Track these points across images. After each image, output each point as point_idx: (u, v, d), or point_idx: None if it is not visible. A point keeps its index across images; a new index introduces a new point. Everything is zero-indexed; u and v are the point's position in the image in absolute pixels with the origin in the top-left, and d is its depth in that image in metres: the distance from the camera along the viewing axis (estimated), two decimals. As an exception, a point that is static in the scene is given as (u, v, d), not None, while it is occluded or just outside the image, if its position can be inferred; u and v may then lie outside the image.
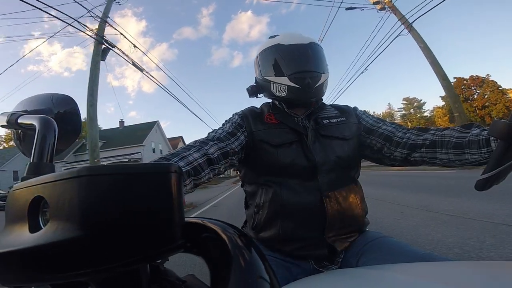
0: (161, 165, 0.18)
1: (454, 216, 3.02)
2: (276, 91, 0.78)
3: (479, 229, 2.47)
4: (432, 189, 5.20)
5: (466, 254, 1.96)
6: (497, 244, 2.05)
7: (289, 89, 0.75)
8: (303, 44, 0.78)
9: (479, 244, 2.11)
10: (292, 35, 0.81)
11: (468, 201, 3.61)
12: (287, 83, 0.75)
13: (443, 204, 3.71)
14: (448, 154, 0.61)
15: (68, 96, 0.37)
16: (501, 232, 2.30)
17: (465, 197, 3.88)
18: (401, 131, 0.73)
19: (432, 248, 2.15)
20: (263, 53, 0.82)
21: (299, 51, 0.77)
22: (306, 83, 0.73)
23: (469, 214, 3.01)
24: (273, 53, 0.79)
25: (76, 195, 0.15)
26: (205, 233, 0.21)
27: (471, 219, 2.82)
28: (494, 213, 2.88)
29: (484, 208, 3.14)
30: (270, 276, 0.17)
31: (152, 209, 0.17)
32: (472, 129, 0.60)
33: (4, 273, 0.16)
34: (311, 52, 0.78)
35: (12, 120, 0.32)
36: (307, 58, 0.77)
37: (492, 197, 3.38)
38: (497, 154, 0.48)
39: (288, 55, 0.77)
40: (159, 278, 0.23)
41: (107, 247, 0.15)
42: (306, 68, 0.76)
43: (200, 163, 0.62)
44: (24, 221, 0.17)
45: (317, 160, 0.71)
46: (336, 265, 0.71)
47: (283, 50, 0.77)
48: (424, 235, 2.55)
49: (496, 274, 0.41)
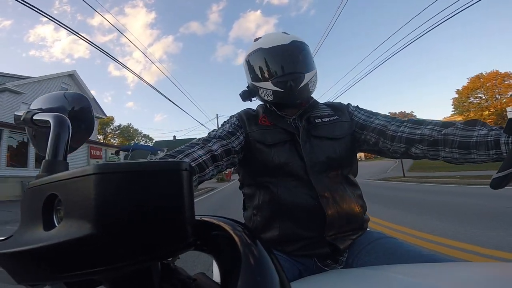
0: (173, 162, 0.18)
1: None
2: (264, 95, 0.79)
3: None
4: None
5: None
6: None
7: (274, 93, 0.76)
8: (284, 44, 0.77)
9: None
10: (274, 35, 0.81)
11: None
12: (271, 87, 0.75)
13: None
14: (453, 153, 0.59)
15: (81, 94, 0.38)
16: None
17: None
18: (394, 124, 0.71)
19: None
20: (247, 58, 0.83)
21: (280, 53, 0.77)
22: (288, 86, 0.73)
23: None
24: (256, 58, 0.80)
25: (90, 193, 0.15)
26: (215, 231, 0.21)
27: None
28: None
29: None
30: (279, 273, 0.17)
31: (165, 207, 0.17)
32: (477, 127, 0.57)
33: (20, 272, 0.17)
34: (292, 52, 0.77)
35: (27, 117, 0.32)
36: (287, 60, 0.77)
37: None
38: None
39: (269, 59, 0.77)
40: (170, 276, 0.23)
41: (120, 245, 0.15)
42: (287, 71, 0.75)
43: (204, 160, 0.63)
44: (38, 219, 0.17)
45: (307, 161, 0.71)
46: (340, 264, 0.71)
47: (264, 54, 0.78)
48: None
49: (497, 275, 0.41)
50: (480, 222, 3.14)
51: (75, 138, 0.33)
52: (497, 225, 2.92)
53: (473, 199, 4.66)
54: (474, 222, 3.19)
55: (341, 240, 0.70)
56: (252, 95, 0.86)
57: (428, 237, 2.76)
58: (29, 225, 0.18)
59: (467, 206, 4.16)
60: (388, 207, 4.78)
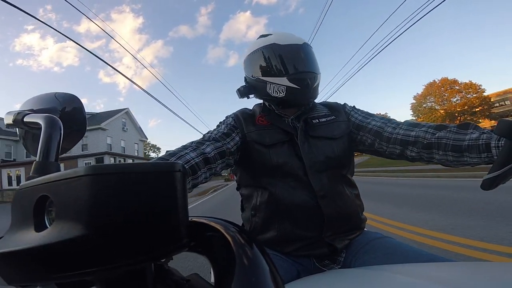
0: (166, 164, 0.18)
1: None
2: (273, 91, 0.77)
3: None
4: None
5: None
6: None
7: (288, 89, 0.74)
8: (299, 44, 0.78)
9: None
10: (286, 35, 0.81)
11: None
12: (286, 83, 0.74)
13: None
14: (447, 155, 0.60)
15: (73, 94, 0.38)
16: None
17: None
18: (390, 126, 0.72)
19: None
20: (256, 53, 0.80)
21: (296, 52, 0.77)
22: (305, 84, 0.73)
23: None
24: (268, 53, 0.77)
25: (82, 194, 0.15)
26: (209, 232, 0.21)
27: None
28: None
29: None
30: (273, 274, 0.17)
31: (158, 208, 0.17)
32: (469, 130, 0.59)
33: (10, 272, 0.16)
34: (307, 52, 0.78)
35: (18, 119, 0.32)
36: (305, 58, 0.77)
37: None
38: (504, 153, 0.48)
39: (286, 55, 0.76)
40: (164, 277, 0.23)
41: (112, 246, 0.15)
42: (306, 69, 0.76)
43: (197, 162, 0.62)
44: (30, 220, 0.17)
45: (306, 161, 0.71)
46: (338, 264, 0.71)
47: (280, 50, 0.76)
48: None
49: (496, 275, 0.41)
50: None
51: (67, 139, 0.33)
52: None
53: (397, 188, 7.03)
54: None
55: (339, 240, 0.70)
56: (251, 91, 0.85)
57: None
58: (20, 226, 0.18)
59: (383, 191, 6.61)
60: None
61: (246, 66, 0.85)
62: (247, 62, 0.84)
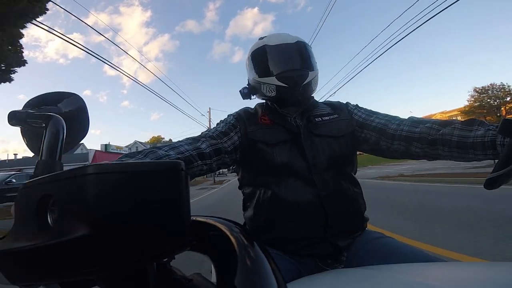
0: (169, 163, 0.18)
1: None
2: (266, 91, 0.79)
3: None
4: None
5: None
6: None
7: (277, 88, 0.76)
8: (289, 43, 0.79)
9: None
10: (279, 35, 0.82)
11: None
12: (275, 82, 0.75)
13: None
14: (451, 152, 0.61)
15: (76, 94, 0.38)
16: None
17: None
18: (394, 123, 0.72)
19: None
20: (252, 55, 0.83)
21: (285, 50, 0.78)
22: (293, 81, 0.74)
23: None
24: (260, 54, 0.80)
25: (85, 193, 0.15)
26: (211, 231, 0.21)
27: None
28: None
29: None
30: (275, 274, 0.17)
31: (160, 208, 0.17)
32: (474, 127, 0.58)
33: (14, 272, 0.16)
34: (297, 50, 0.79)
35: (21, 118, 0.32)
36: (293, 56, 0.78)
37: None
38: (507, 152, 0.47)
39: (274, 55, 0.78)
40: (166, 276, 0.23)
41: (114, 246, 0.15)
42: (292, 67, 0.77)
43: (192, 154, 0.64)
44: (32, 219, 0.17)
45: (310, 160, 0.71)
46: (341, 264, 0.71)
47: (270, 50, 0.78)
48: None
49: (495, 275, 0.41)
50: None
51: (70, 138, 0.33)
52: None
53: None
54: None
55: (342, 239, 0.70)
56: (253, 92, 0.86)
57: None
58: (23, 225, 0.18)
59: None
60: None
61: (246, 69, 0.89)
62: (246, 64, 0.88)
